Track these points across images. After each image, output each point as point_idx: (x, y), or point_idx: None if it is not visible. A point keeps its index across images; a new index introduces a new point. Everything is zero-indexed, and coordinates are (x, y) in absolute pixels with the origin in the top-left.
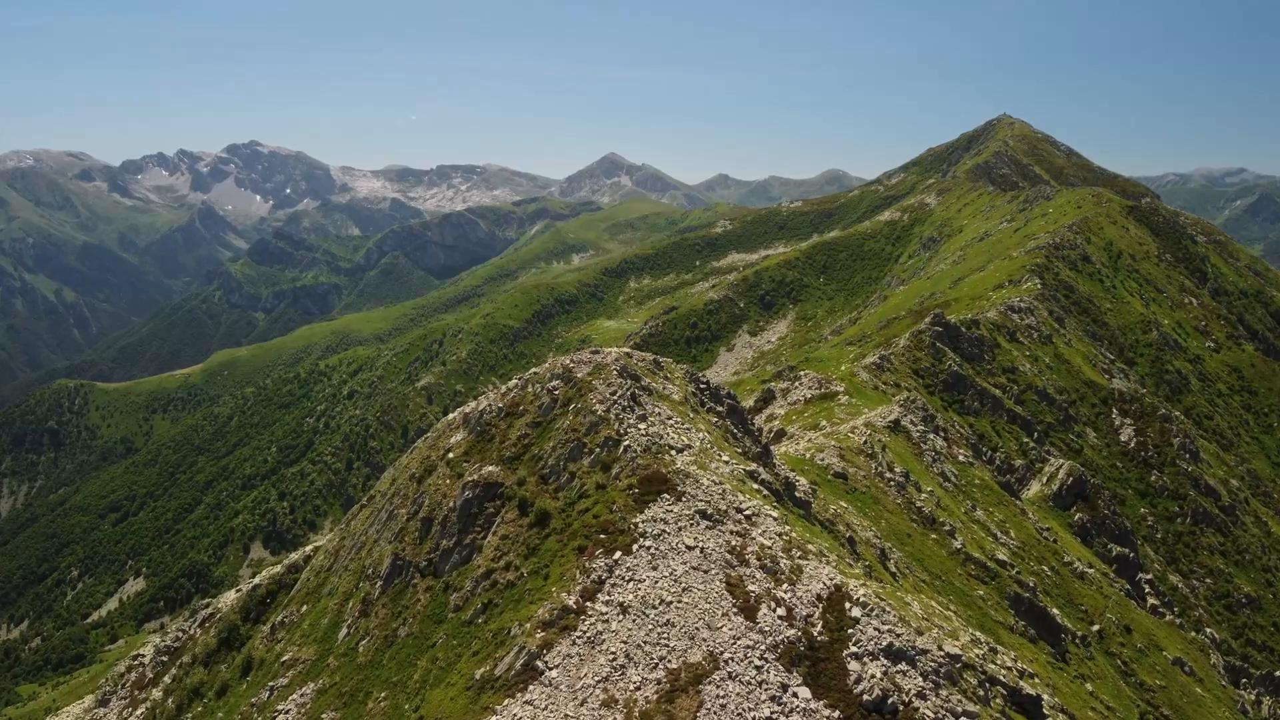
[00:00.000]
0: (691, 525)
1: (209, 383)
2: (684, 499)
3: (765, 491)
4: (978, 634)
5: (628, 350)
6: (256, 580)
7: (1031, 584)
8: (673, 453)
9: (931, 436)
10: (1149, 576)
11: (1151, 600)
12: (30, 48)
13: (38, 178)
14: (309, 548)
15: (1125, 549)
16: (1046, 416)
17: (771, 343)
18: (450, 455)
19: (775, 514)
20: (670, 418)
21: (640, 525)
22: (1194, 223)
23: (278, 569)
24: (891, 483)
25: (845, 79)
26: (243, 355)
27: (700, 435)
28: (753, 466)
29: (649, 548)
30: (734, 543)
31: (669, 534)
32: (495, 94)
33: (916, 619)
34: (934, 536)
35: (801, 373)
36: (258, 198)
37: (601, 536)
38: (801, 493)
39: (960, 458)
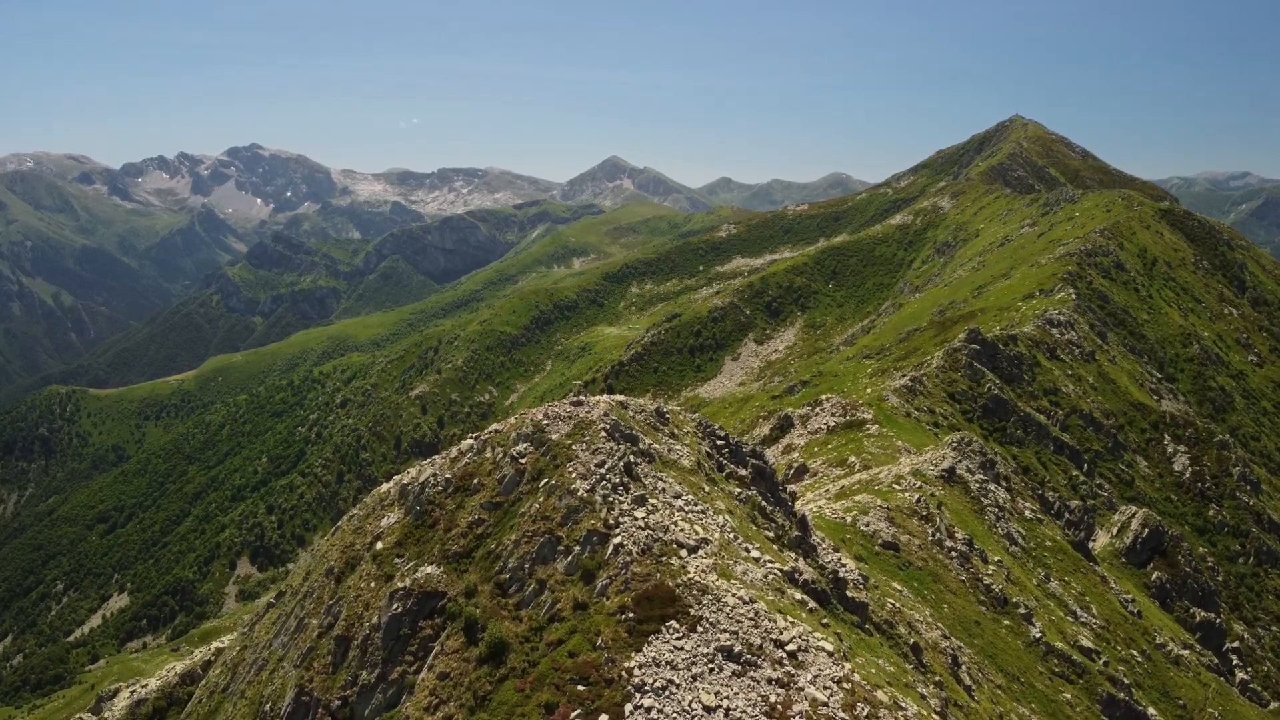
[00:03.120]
0: (712, 672)
1: (203, 389)
2: (700, 629)
3: (810, 601)
4: None
5: (621, 399)
6: (143, 693)
7: (1124, 680)
8: (683, 554)
9: (992, 488)
10: (1236, 645)
11: (1240, 675)
12: (32, 51)
13: (37, 180)
14: (213, 647)
15: (1210, 614)
16: (1094, 444)
17: (779, 351)
18: (379, 545)
19: (829, 646)
20: (679, 496)
21: (636, 674)
22: (1225, 229)
23: (173, 674)
24: (953, 554)
25: (845, 82)
26: (237, 361)
27: (720, 520)
28: (790, 564)
29: (649, 711)
30: (774, 698)
31: (678, 688)
32: (498, 97)
33: None
34: (1007, 623)
35: (823, 397)
36: (258, 201)
37: (580, 689)
38: (854, 588)
39: (1027, 513)
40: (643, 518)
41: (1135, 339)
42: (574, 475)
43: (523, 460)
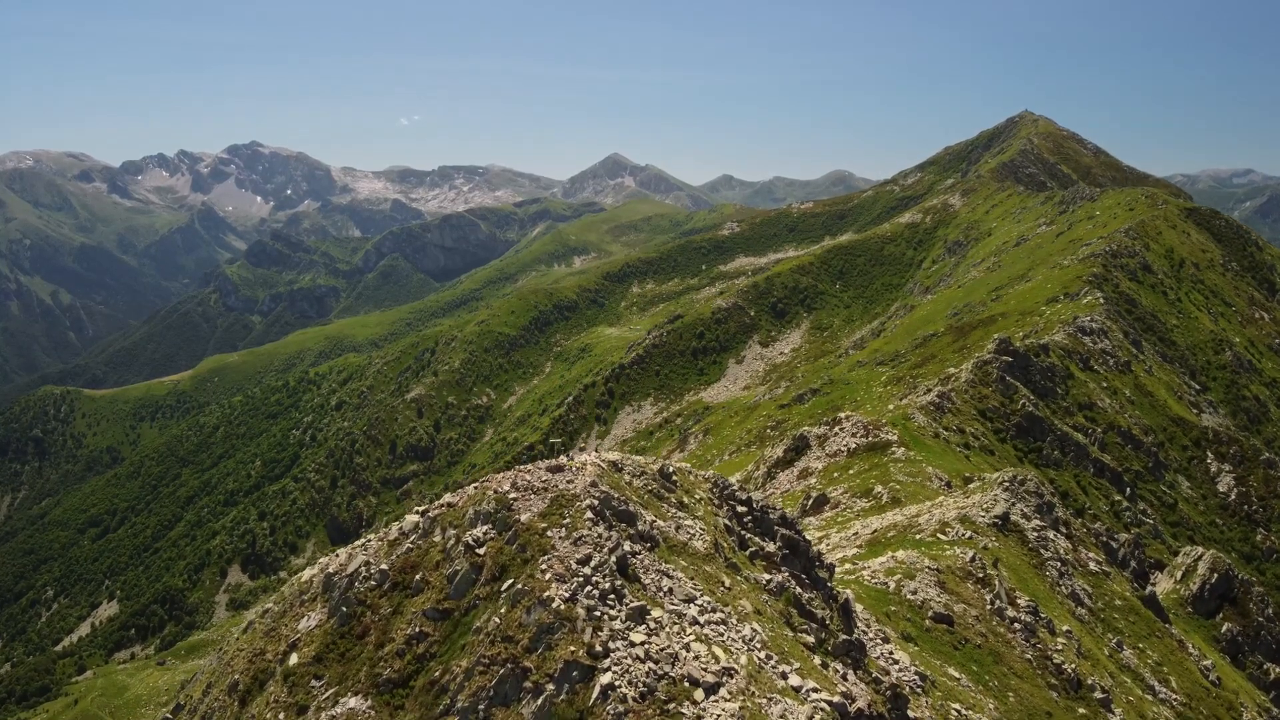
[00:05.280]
0: None
1: (199, 389)
2: None
3: None
4: None
5: (614, 459)
6: None
7: None
8: (699, 695)
9: (1052, 536)
10: None
11: None
12: (32, 49)
13: (36, 179)
14: None
15: None
16: (1134, 463)
17: (785, 354)
18: (293, 660)
19: None
20: (692, 601)
21: None
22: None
23: None
24: (1016, 625)
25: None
26: (234, 361)
27: (747, 632)
28: (840, 686)
29: None
30: None
31: None
32: (498, 95)
33: None
34: (1082, 711)
35: (842, 415)
36: (258, 199)
37: None
38: (915, 706)
39: (1092, 564)
40: (642, 641)
41: (1166, 346)
42: (548, 577)
43: (480, 551)
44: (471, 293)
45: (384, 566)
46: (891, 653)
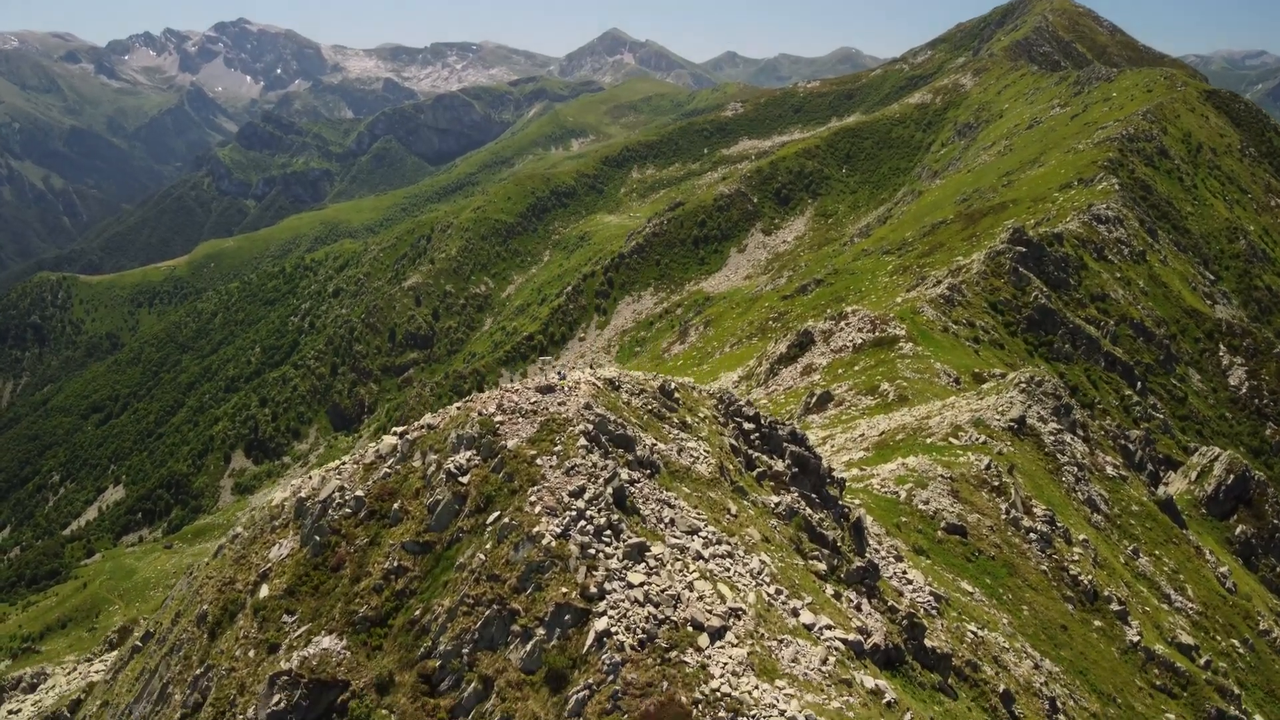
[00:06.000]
0: None
1: (195, 275)
2: None
3: (888, 692)
4: None
5: (611, 377)
6: None
7: (1232, 689)
8: (703, 641)
9: (1069, 440)
10: None
11: None
12: None
13: (22, 60)
14: (83, 685)
15: None
16: (1145, 356)
17: (788, 243)
18: (263, 591)
19: None
20: (695, 533)
21: None
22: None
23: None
24: (1032, 535)
25: None
26: (229, 246)
27: (755, 564)
28: (855, 622)
29: None
30: None
31: None
32: None
33: None
34: (1098, 623)
35: (849, 309)
36: (248, 79)
37: None
38: (932, 633)
39: (1109, 469)
40: (641, 582)
41: (1180, 234)
42: (538, 510)
43: (464, 480)
44: (467, 177)
45: (359, 493)
46: (905, 572)
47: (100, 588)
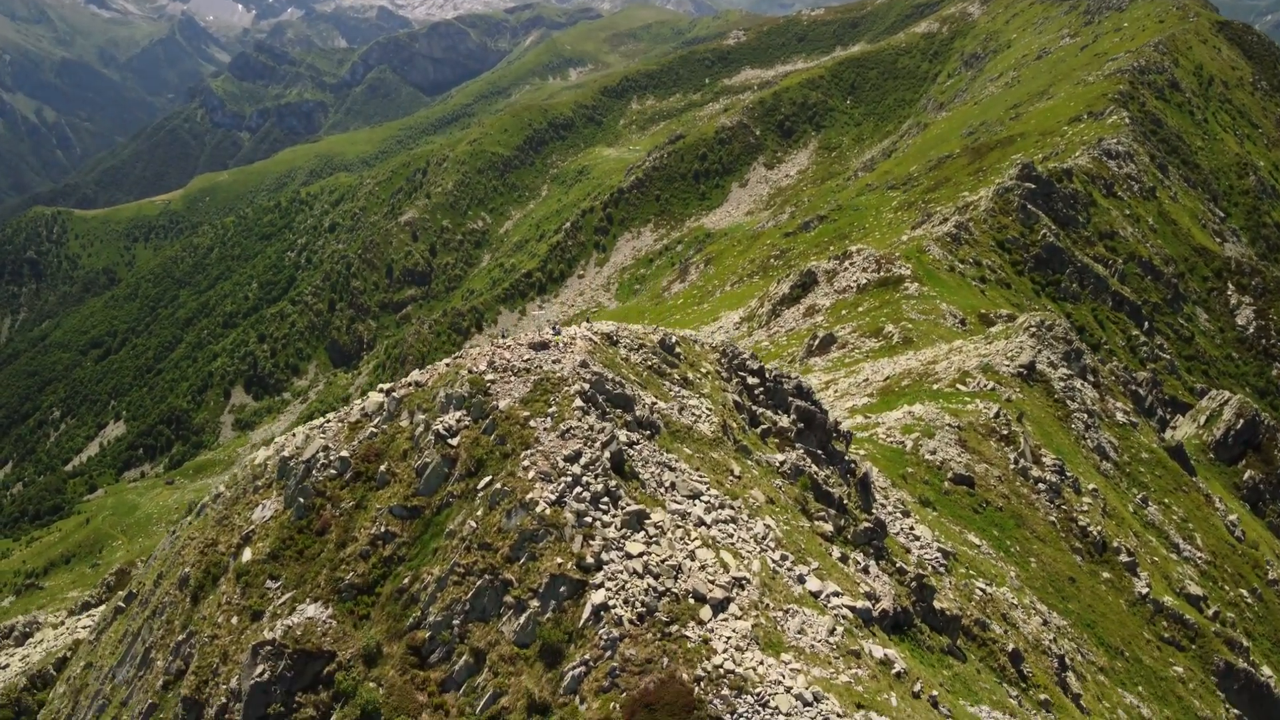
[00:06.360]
0: None
1: (190, 209)
2: None
3: (897, 663)
4: None
5: (609, 331)
6: None
7: (1241, 641)
8: (705, 614)
9: (1079, 386)
10: None
11: None
12: None
13: None
14: (68, 643)
15: None
16: (1152, 295)
17: (790, 177)
18: (246, 555)
19: None
20: (697, 497)
21: None
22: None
23: (20, 678)
24: (1041, 486)
25: None
26: (224, 180)
27: (759, 529)
28: (863, 588)
29: None
30: None
31: None
32: None
33: None
34: (1107, 575)
35: (853, 249)
36: (239, 7)
37: None
38: (944, 598)
39: (1119, 415)
40: (640, 553)
41: (1190, 169)
42: (532, 475)
43: (453, 442)
44: (462, 108)
45: (345, 453)
46: (912, 528)
47: (103, 523)
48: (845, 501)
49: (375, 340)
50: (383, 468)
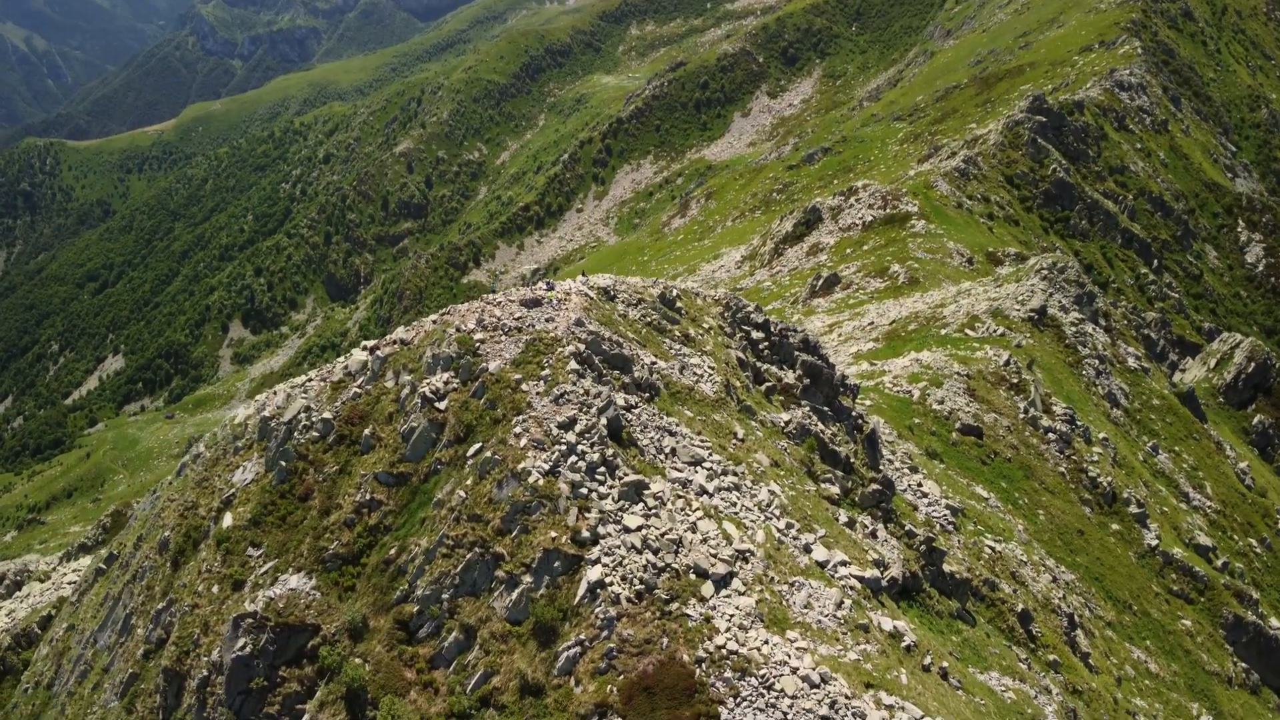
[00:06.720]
0: None
1: (183, 140)
2: None
3: (907, 636)
4: None
5: (605, 285)
6: None
7: (1250, 593)
8: (707, 591)
9: (1091, 331)
10: None
11: None
12: None
13: None
14: (53, 601)
15: None
16: (1162, 232)
17: (794, 106)
18: (227, 521)
19: None
20: (699, 464)
21: None
22: None
23: (5, 636)
24: (1050, 435)
25: None
26: (217, 110)
27: (764, 496)
28: (871, 566)
29: None
30: None
31: None
32: None
33: None
34: (1116, 527)
35: (859, 184)
36: None
37: None
38: (953, 560)
39: (1131, 360)
40: (639, 526)
41: (1201, 101)
42: (524, 443)
43: (441, 405)
44: (457, 34)
45: (327, 415)
46: (920, 484)
47: (104, 457)
48: (852, 460)
49: (372, 274)
50: (367, 431)
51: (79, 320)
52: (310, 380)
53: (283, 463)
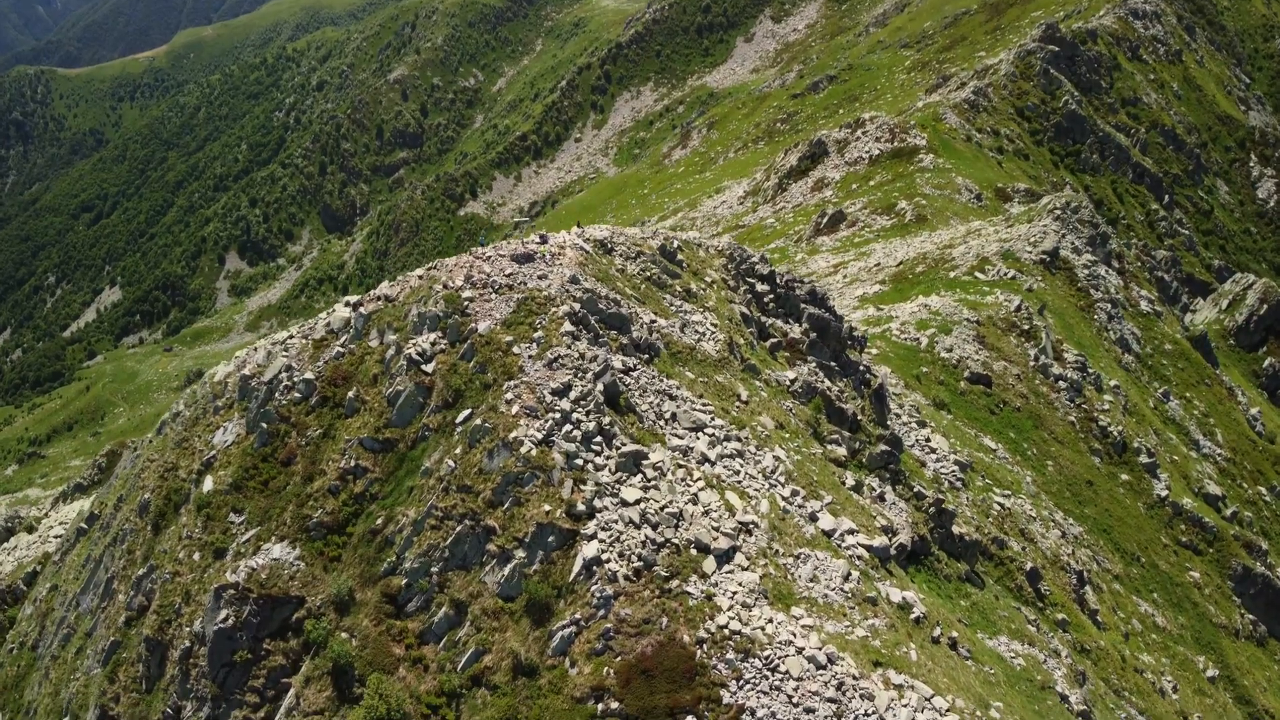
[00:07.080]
0: None
1: (175, 67)
2: None
3: (916, 607)
4: None
5: (602, 237)
6: None
7: (1260, 544)
8: (709, 567)
9: (1103, 274)
10: None
11: None
12: None
13: None
14: (38, 556)
15: None
16: (1173, 167)
17: (799, 31)
18: (207, 485)
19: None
20: (700, 429)
21: None
22: None
23: None
24: (1061, 385)
25: None
26: (208, 35)
27: (769, 462)
28: (879, 534)
29: None
30: None
31: None
32: None
33: None
34: (1125, 477)
35: (866, 116)
36: None
37: None
38: (962, 520)
39: (1144, 304)
40: (637, 499)
41: (1215, 30)
42: (516, 410)
43: (428, 369)
44: None
45: (309, 375)
46: (928, 439)
47: (104, 390)
48: (859, 417)
49: (368, 205)
50: (351, 393)
51: (75, 252)
52: (291, 337)
53: (264, 425)
